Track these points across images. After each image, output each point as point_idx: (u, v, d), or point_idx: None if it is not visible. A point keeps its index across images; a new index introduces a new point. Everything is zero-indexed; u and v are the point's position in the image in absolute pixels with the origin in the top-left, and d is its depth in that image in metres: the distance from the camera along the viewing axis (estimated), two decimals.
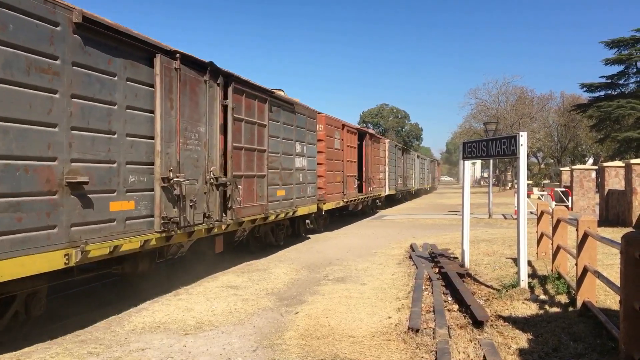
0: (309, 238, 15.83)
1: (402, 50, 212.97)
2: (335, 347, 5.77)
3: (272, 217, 11.89)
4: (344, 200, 18.28)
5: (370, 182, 22.57)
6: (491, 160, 22.85)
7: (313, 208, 14.89)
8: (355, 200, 20.00)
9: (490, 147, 8.85)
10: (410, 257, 11.56)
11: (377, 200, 26.25)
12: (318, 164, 15.53)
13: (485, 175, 75.76)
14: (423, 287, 8.44)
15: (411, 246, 13.16)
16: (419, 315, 6.70)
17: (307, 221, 15.59)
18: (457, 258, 10.77)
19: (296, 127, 13.45)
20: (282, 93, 13.13)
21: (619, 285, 4.98)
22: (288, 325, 6.65)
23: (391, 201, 31.42)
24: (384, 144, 27.00)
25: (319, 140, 15.78)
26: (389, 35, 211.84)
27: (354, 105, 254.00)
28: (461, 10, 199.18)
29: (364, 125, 77.01)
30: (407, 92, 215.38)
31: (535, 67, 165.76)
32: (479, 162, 70.18)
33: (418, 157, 43.96)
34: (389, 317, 6.89)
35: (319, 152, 15.72)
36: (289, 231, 14.42)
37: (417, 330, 6.10)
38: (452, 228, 18.01)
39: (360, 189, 21.30)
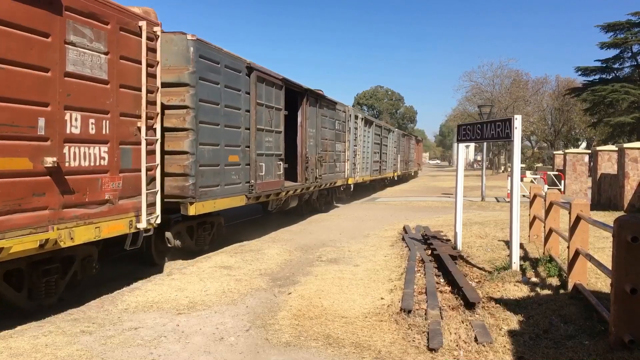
0: None
1: (397, 33, 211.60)
2: (327, 328, 5.80)
3: None
4: None
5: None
6: (485, 144, 22.85)
7: None
8: None
9: (485, 130, 8.82)
10: (403, 239, 11.60)
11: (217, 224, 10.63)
12: None
13: (479, 158, 75.89)
14: (416, 269, 8.48)
15: (404, 228, 13.21)
16: (412, 297, 6.74)
17: None
18: (449, 240, 10.81)
19: None
20: None
21: (610, 268, 5.02)
22: (281, 305, 6.67)
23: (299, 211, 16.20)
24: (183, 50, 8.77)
25: None
26: (384, 18, 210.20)
27: (348, 88, 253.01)
28: None
29: (359, 107, 75.37)
30: (402, 75, 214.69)
31: (530, 51, 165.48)
32: (472, 145, 70.24)
33: (372, 124, 25.22)
34: (382, 298, 6.92)
35: None
36: None
37: (410, 311, 6.14)
38: (445, 210, 18.07)
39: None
